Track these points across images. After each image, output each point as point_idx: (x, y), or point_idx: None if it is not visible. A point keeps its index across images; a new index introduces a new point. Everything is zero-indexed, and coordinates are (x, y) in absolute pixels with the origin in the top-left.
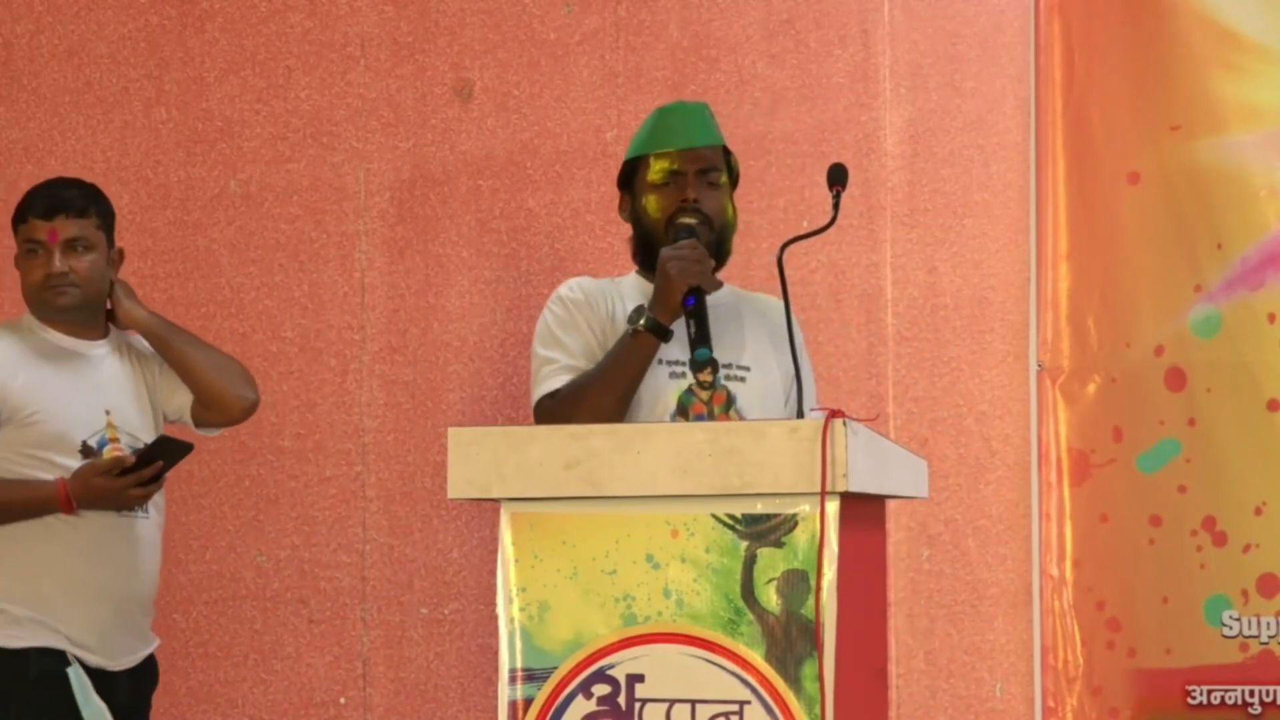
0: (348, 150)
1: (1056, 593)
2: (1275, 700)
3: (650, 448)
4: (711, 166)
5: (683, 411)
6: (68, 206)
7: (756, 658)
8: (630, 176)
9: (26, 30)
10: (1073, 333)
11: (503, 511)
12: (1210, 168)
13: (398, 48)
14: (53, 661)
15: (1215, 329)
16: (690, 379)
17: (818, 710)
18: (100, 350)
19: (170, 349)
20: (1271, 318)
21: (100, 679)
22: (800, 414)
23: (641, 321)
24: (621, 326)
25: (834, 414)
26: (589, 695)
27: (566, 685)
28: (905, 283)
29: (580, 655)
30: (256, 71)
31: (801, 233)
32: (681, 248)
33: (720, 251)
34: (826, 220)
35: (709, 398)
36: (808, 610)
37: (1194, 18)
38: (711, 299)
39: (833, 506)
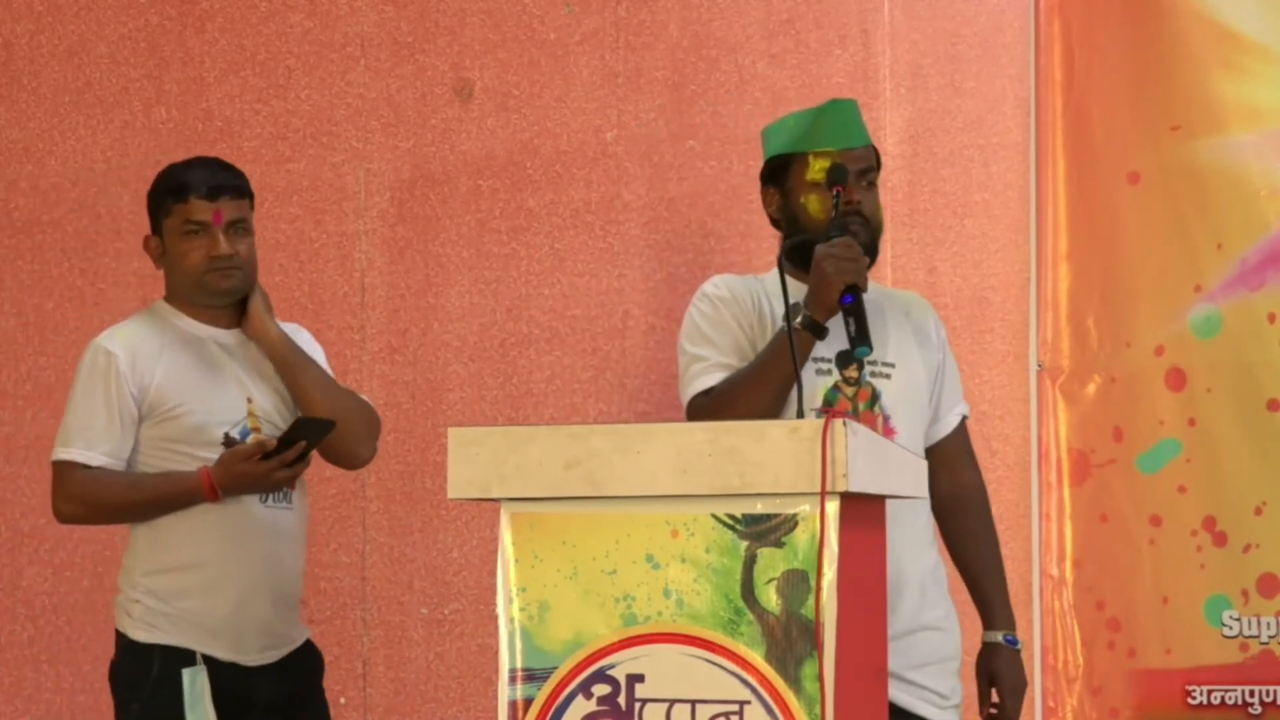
0: (348, 150)
1: (1056, 593)
2: (1275, 700)
3: (650, 447)
4: (870, 166)
5: (829, 407)
6: (230, 187)
7: (756, 658)
8: (780, 172)
9: (26, 30)
10: (1073, 333)
11: (503, 511)
12: (1210, 168)
13: (398, 48)
14: (177, 661)
15: (1215, 329)
16: (836, 375)
17: (818, 710)
18: (236, 338)
19: (296, 382)
20: (1271, 318)
21: (236, 675)
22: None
23: (798, 319)
24: (769, 323)
25: (834, 414)
26: (589, 695)
27: (566, 685)
28: (905, 282)
29: (580, 655)
30: (256, 71)
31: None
32: (836, 245)
33: (871, 251)
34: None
35: (854, 394)
36: (808, 610)
37: (1194, 18)
38: None
39: (833, 506)
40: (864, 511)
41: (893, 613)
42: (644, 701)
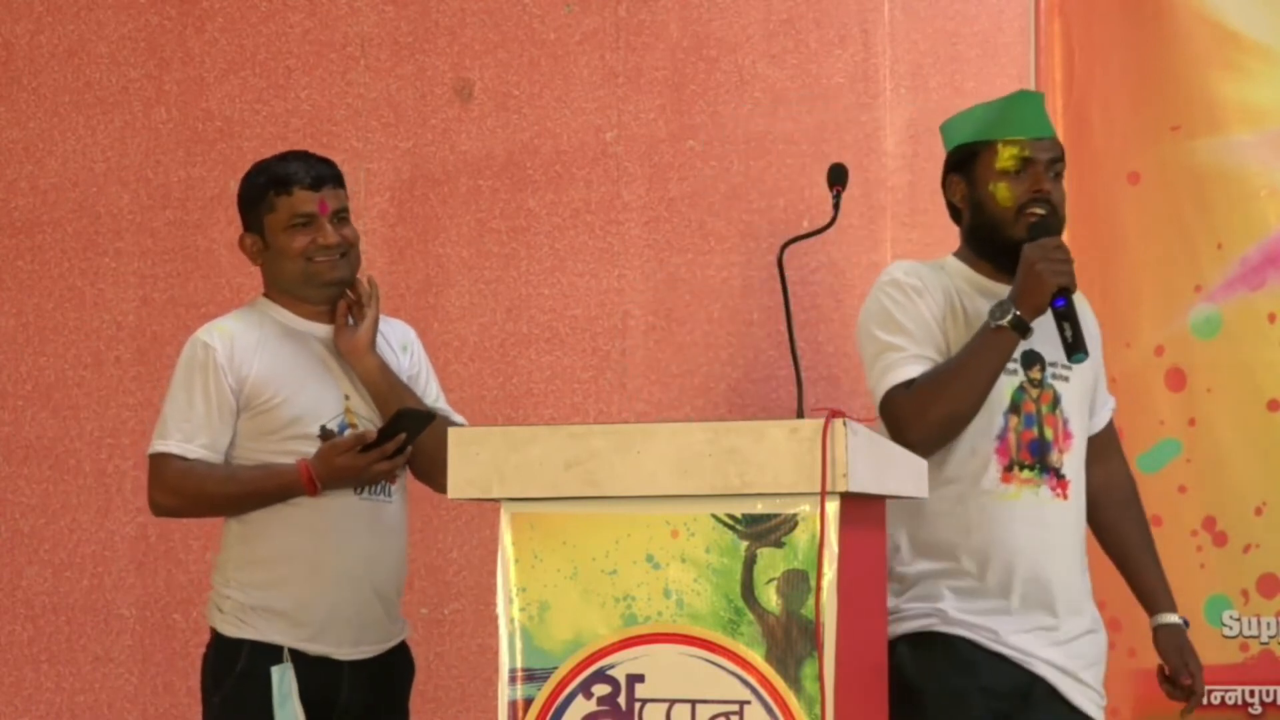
0: (348, 150)
1: None
2: (1275, 700)
3: (650, 447)
4: (1058, 158)
5: (1015, 409)
6: (331, 176)
7: (756, 658)
8: (967, 161)
9: (26, 30)
10: None
11: (503, 511)
12: (1210, 168)
13: (398, 48)
14: (264, 658)
15: (1215, 329)
16: (1022, 376)
17: (818, 710)
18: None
19: (388, 412)
20: (1272, 318)
21: (326, 669)
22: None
23: (1007, 319)
24: (961, 315)
25: (834, 414)
26: (589, 695)
27: (566, 685)
28: None
29: (580, 655)
30: (256, 71)
31: (802, 232)
32: (1048, 246)
33: None
34: (827, 220)
35: (1037, 395)
36: (808, 610)
37: (1194, 17)
38: None
39: (833, 506)
40: (864, 511)
41: (1069, 613)
42: (644, 701)
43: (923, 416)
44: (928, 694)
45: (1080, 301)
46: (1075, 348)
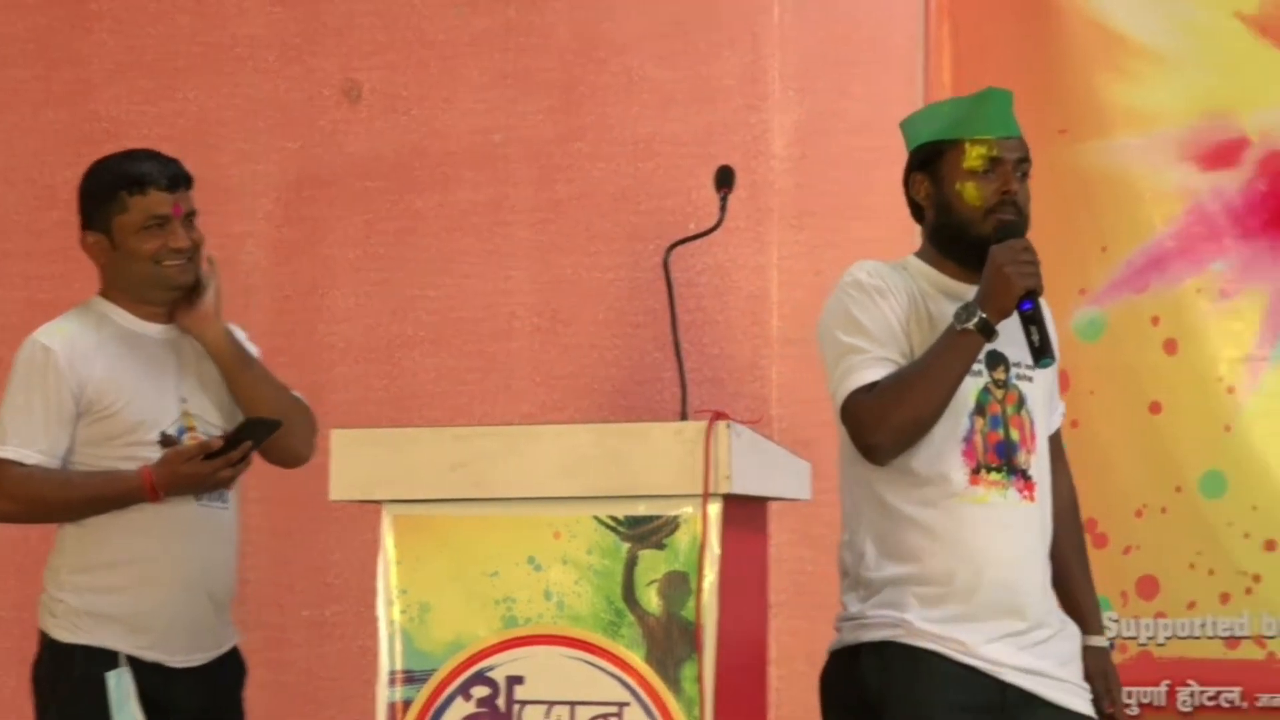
0: (235, 151)
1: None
2: (1153, 702)
3: (534, 449)
4: (1025, 157)
5: (980, 410)
6: (184, 177)
7: (636, 659)
8: (932, 159)
9: None
10: None
11: (385, 514)
12: (1096, 171)
13: (285, 49)
14: (100, 663)
15: (1099, 332)
16: (987, 377)
17: (697, 712)
18: (175, 334)
19: (238, 381)
20: (1155, 321)
21: (159, 677)
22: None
23: (973, 321)
24: (924, 316)
25: (717, 416)
26: (468, 697)
27: (446, 687)
28: (792, 285)
29: (460, 657)
30: (144, 73)
31: (688, 235)
32: (1015, 248)
33: None
34: (713, 222)
35: (1003, 396)
36: (688, 612)
37: (1082, 21)
38: None
39: (715, 508)
40: (746, 513)
41: (1040, 615)
42: (523, 703)
43: (886, 420)
44: (890, 707)
45: (1042, 304)
46: (1042, 352)
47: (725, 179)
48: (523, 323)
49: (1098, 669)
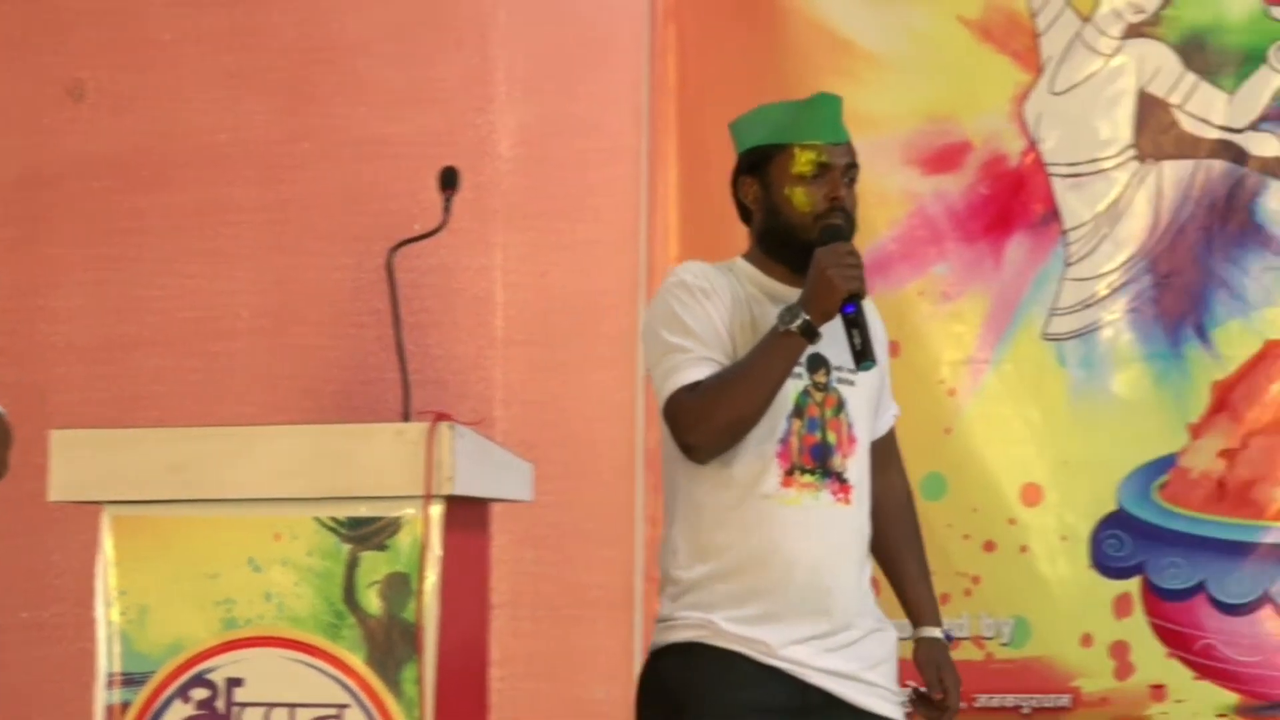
0: None
1: (658, 596)
2: None
3: (256, 451)
4: (853, 163)
5: (799, 413)
6: None
7: (357, 661)
8: (761, 163)
9: None
10: None
11: (104, 515)
12: None
13: (8, 46)
14: None
15: None
16: (807, 380)
17: (417, 713)
18: None
19: None
20: None
21: None
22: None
23: (796, 323)
24: (749, 317)
25: (440, 417)
26: (187, 699)
27: (165, 689)
28: (516, 286)
29: (180, 659)
30: None
31: (412, 235)
32: (840, 251)
33: None
34: (438, 223)
35: (822, 400)
36: (409, 613)
37: (807, 25)
38: None
39: (436, 510)
40: (468, 514)
41: (847, 616)
42: (243, 705)
43: (707, 420)
44: (690, 708)
45: (869, 307)
46: (863, 355)
47: (450, 180)
48: (246, 323)
49: (929, 659)
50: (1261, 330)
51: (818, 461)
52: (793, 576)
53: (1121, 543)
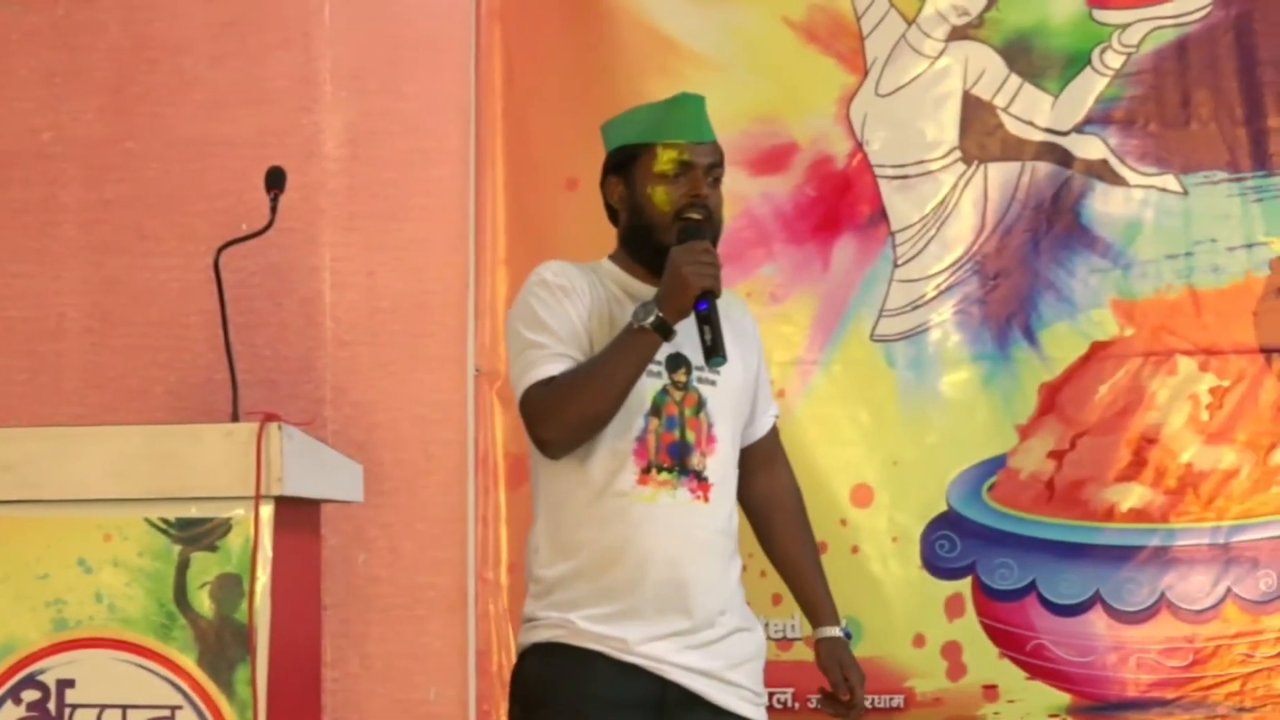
0: None
1: (492, 597)
2: None
3: (85, 451)
4: (718, 163)
5: (656, 411)
6: None
7: (189, 662)
8: (627, 163)
9: None
10: None
11: None
12: None
13: None
14: None
15: None
16: (666, 379)
17: (250, 714)
18: None
19: None
20: None
21: None
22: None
23: (649, 320)
24: (609, 316)
25: (269, 418)
26: (18, 701)
27: None
28: (344, 286)
29: (9, 661)
30: None
31: (240, 235)
32: (695, 249)
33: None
34: (265, 223)
35: (681, 399)
36: (241, 614)
37: (633, 25)
38: None
39: (267, 510)
40: (299, 515)
41: (710, 614)
42: (74, 707)
43: (559, 415)
44: (547, 706)
45: (735, 304)
46: (713, 351)
47: (276, 180)
48: (73, 323)
49: (831, 659)
50: (1088, 332)
51: (675, 460)
52: (649, 573)
53: (952, 544)
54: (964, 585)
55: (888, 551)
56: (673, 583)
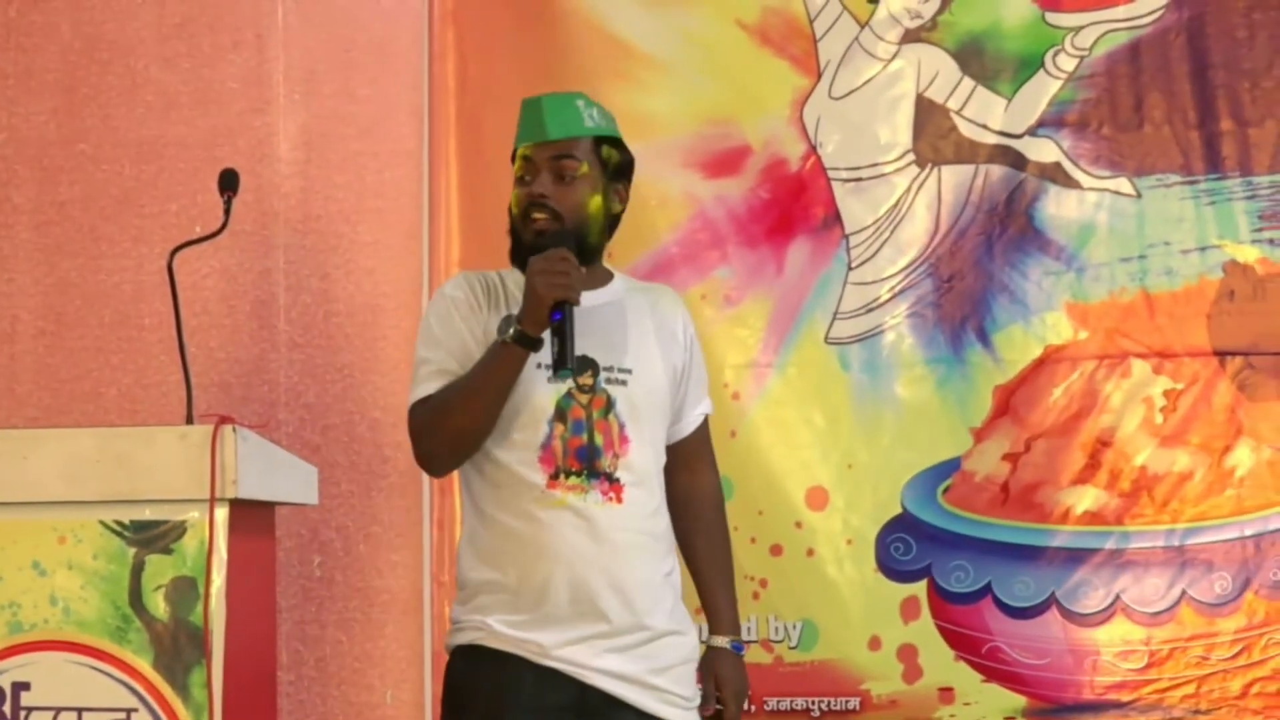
0: None
1: (447, 599)
2: None
3: (38, 454)
4: (564, 156)
5: (560, 417)
6: None
7: (145, 665)
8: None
9: None
10: None
11: None
12: None
13: None
14: None
15: None
16: (570, 383)
17: (205, 717)
18: None
19: None
20: None
21: None
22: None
23: (510, 332)
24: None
25: (223, 420)
26: None
27: None
28: (298, 289)
29: None
30: None
31: (193, 238)
32: (552, 258)
33: (584, 248)
34: (219, 226)
35: (588, 401)
36: (196, 617)
37: (586, 28)
38: (594, 297)
39: (222, 513)
40: (254, 518)
41: (631, 617)
42: (30, 710)
43: (435, 432)
44: (468, 709)
45: (664, 297)
46: (559, 364)
47: (229, 182)
48: (26, 325)
49: (706, 668)
50: (1042, 335)
51: (584, 463)
52: (561, 579)
53: (907, 546)
54: (919, 588)
55: (843, 554)
56: (585, 587)
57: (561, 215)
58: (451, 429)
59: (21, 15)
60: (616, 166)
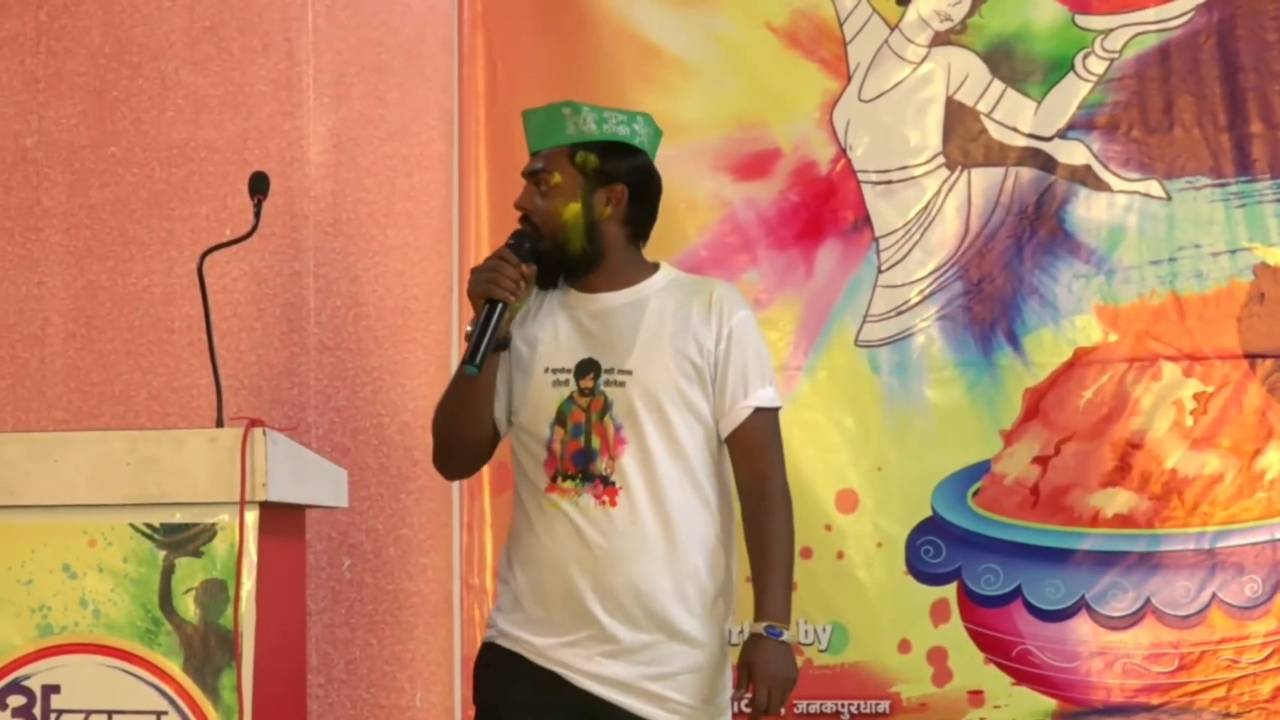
0: None
1: (477, 602)
2: None
3: (68, 456)
4: (539, 168)
5: (560, 420)
6: None
7: (174, 668)
8: None
9: None
10: None
11: None
12: None
13: None
14: None
15: None
16: (573, 386)
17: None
18: None
19: None
20: None
21: None
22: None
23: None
24: (554, 322)
25: (253, 423)
26: (4, 706)
27: None
28: (328, 292)
29: None
30: None
31: (223, 241)
32: (486, 260)
33: (566, 256)
34: (249, 228)
35: (588, 404)
36: (226, 620)
37: (615, 31)
38: (610, 299)
39: (252, 516)
40: (284, 521)
41: (625, 621)
42: (60, 712)
43: (433, 444)
44: (480, 705)
45: (681, 290)
46: (466, 360)
47: (260, 185)
48: (56, 329)
49: (743, 655)
50: (1072, 338)
51: (579, 467)
52: (552, 582)
53: (937, 549)
54: (949, 591)
55: (873, 557)
56: (575, 590)
57: (537, 226)
58: (435, 438)
59: (52, 19)
60: (596, 170)
